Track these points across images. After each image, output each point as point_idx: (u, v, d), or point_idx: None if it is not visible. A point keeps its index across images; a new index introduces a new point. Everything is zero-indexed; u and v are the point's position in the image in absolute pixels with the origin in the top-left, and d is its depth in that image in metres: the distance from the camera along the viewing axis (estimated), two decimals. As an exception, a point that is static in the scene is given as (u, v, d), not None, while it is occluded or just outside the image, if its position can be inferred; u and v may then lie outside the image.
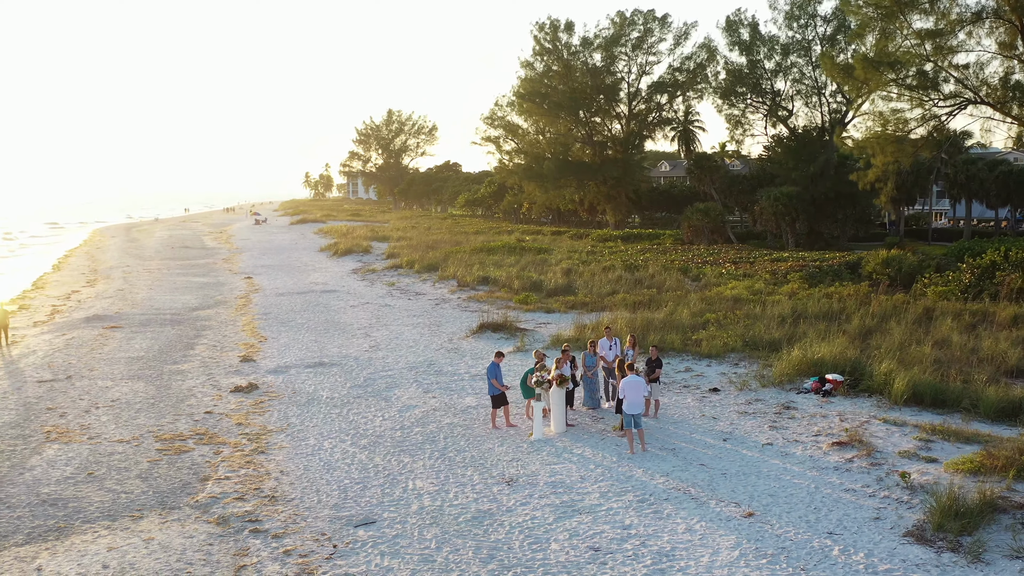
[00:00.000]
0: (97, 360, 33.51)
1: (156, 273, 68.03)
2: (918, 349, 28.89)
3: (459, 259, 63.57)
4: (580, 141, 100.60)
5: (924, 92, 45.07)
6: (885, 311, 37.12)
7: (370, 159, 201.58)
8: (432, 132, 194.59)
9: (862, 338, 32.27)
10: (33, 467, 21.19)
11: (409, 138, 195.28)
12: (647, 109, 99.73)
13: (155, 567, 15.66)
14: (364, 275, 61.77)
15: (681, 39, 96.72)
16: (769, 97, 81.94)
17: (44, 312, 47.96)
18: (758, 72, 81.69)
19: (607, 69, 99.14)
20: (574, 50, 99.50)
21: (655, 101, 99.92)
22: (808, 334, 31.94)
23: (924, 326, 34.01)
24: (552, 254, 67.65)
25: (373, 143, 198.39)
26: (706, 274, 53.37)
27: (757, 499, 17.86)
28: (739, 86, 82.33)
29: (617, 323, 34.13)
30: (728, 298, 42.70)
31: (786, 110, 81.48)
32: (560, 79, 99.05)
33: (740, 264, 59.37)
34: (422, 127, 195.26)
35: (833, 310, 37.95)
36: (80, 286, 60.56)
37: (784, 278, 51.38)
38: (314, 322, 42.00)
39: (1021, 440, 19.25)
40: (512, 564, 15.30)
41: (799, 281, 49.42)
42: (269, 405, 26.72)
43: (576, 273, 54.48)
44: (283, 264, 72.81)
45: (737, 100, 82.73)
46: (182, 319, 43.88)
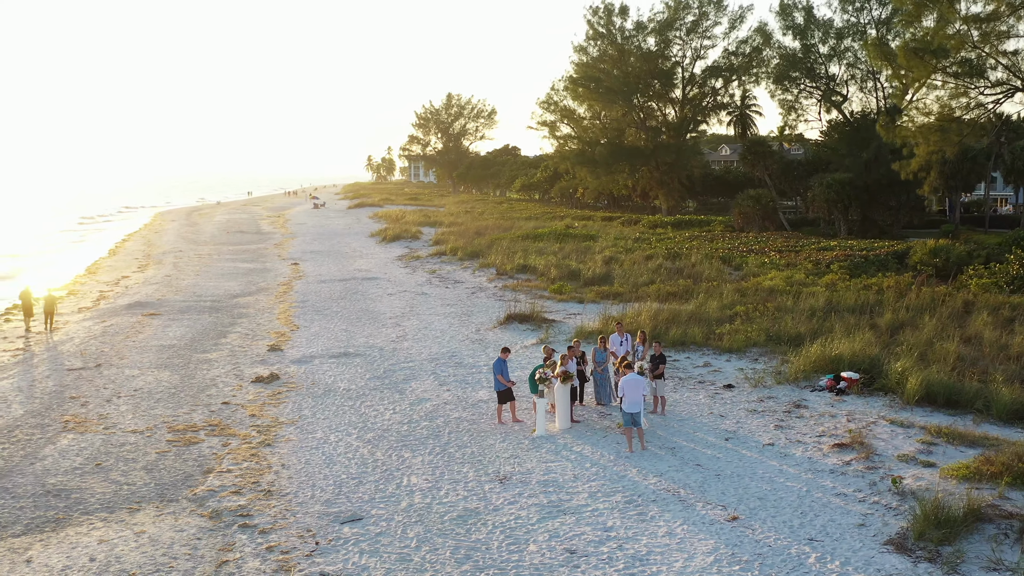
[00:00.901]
0: (129, 348, 34.21)
1: (206, 258, 69.16)
2: (943, 346, 28.33)
3: (503, 246, 63.64)
4: (633, 126, 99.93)
5: (970, 80, 43.98)
6: (922, 304, 36.43)
7: (429, 143, 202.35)
8: (491, 116, 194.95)
9: (891, 333, 31.75)
10: (45, 457, 21.74)
11: (468, 122, 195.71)
12: (701, 94, 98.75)
13: (140, 561, 16.02)
14: (408, 262, 62.14)
15: (736, 23, 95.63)
16: (823, 82, 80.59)
17: (91, 298, 49.04)
18: (812, 57, 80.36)
19: (661, 53, 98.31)
20: (628, 34, 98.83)
21: (709, 86, 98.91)
22: (835, 328, 31.46)
23: (960, 321, 33.35)
24: (598, 241, 67.43)
25: (432, 127, 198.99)
26: (748, 263, 52.82)
27: (746, 502, 17.72)
28: (793, 71, 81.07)
29: (641, 316, 33.96)
30: (765, 289, 42.24)
31: (840, 95, 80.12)
32: (613, 64, 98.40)
33: (785, 253, 58.63)
34: (481, 111, 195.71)
35: (869, 302, 37.33)
36: (131, 271, 61.79)
37: (827, 268, 50.62)
38: (348, 310, 42.40)
39: (1022, 444, 18.80)
40: (486, 565, 15.38)
41: (841, 272, 48.65)
42: (286, 396, 27.08)
43: (617, 262, 54.24)
44: (331, 250, 73.50)
45: (791, 85, 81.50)
46: (221, 306, 44.58)
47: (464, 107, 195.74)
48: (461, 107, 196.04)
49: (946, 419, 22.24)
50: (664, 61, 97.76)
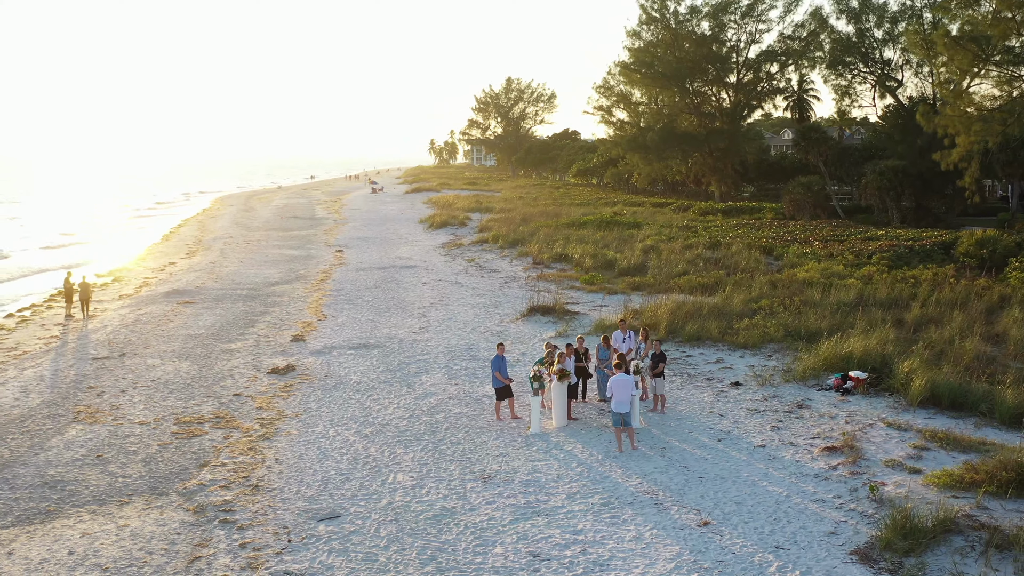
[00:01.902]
0: (157, 337, 34.91)
1: (254, 244, 70.13)
2: (962, 344, 27.78)
3: (545, 234, 63.54)
4: (686, 111, 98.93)
5: (1014, 68, 42.77)
6: (956, 298, 35.69)
7: (489, 127, 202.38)
8: (550, 100, 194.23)
9: (916, 329, 31.22)
10: (50, 448, 22.34)
11: (528, 106, 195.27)
12: (756, 79, 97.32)
13: (116, 555, 16.43)
14: (449, 250, 62.39)
15: (792, 6, 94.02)
16: (878, 67, 78.97)
17: (134, 285, 50.11)
18: (867, 41, 78.77)
19: (716, 38, 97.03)
20: (682, 19, 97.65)
21: (764, 70, 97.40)
22: (858, 324, 30.98)
23: (991, 317, 32.66)
24: (642, 229, 66.99)
25: (492, 111, 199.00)
26: (788, 254, 52.12)
27: (722, 506, 17.61)
28: (847, 56, 79.53)
29: (659, 310, 33.76)
30: (798, 281, 41.65)
31: (895, 80, 78.43)
32: (667, 49, 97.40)
33: (829, 243, 57.67)
34: (541, 95, 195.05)
35: (902, 296, 36.69)
36: (179, 258, 62.96)
37: (868, 259, 49.75)
38: (379, 300, 42.74)
39: (1010, 452, 18.36)
40: (449, 567, 15.52)
41: (882, 263, 47.77)
42: (297, 389, 27.46)
43: (655, 251, 53.82)
44: (378, 236, 74.04)
45: (844, 70, 79.98)
46: (256, 295, 45.23)
47: (524, 91, 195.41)
48: (521, 91, 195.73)
49: (948, 422, 21.85)
50: (718, 45, 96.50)
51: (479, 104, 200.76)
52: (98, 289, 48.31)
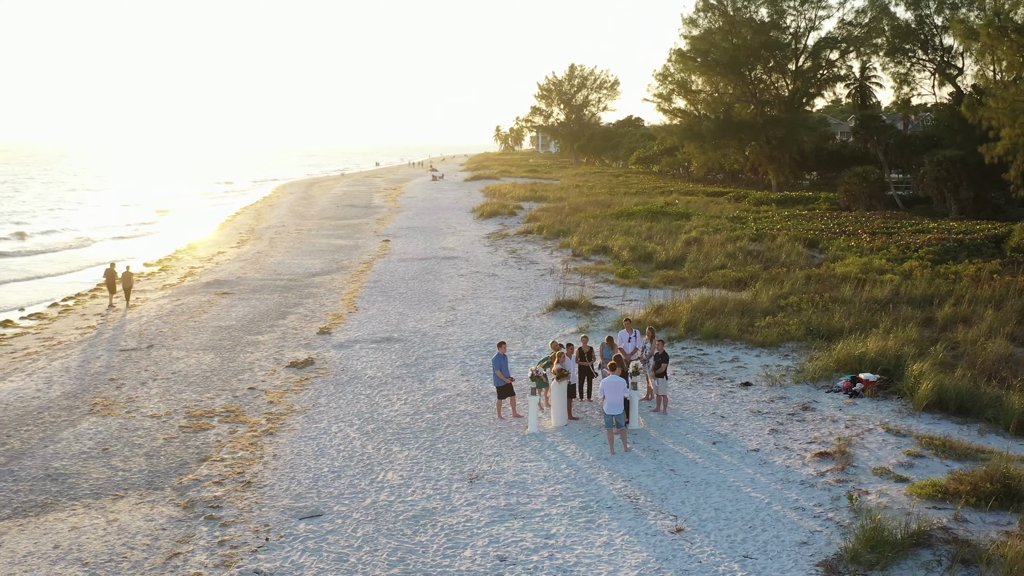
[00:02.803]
0: (187, 328, 35.59)
1: (304, 234, 70.98)
2: (984, 345, 27.20)
3: (591, 225, 63.35)
4: (742, 100, 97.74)
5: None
6: (994, 296, 34.90)
7: (552, 114, 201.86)
8: (614, 86, 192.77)
9: (944, 328, 30.65)
10: (60, 440, 22.95)
11: (591, 92, 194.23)
12: (815, 66, 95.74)
13: (99, 550, 16.88)
14: (494, 240, 62.49)
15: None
16: (938, 54, 77.19)
17: (179, 274, 51.10)
18: (926, 28, 77.03)
19: (774, 24, 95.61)
20: (739, 5, 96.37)
21: (824, 57, 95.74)
22: (883, 323, 30.46)
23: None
24: (691, 220, 66.41)
25: (555, 98, 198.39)
26: (833, 247, 51.30)
27: (700, 513, 17.52)
28: (906, 43, 77.87)
29: (681, 307, 33.49)
30: (836, 276, 41.02)
31: (955, 68, 76.61)
32: (723, 36, 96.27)
33: (878, 235, 56.64)
34: (604, 81, 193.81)
35: (939, 293, 35.97)
36: (228, 247, 64.01)
37: (914, 253, 48.77)
38: (413, 292, 43.01)
39: (996, 463, 17.95)
40: (415, 570, 15.68)
41: (927, 257, 46.80)
42: (311, 383, 27.82)
43: (698, 244, 53.33)
44: (428, 226, 74.41)
45: (903, 58, 78.35)
46: (295, 285, 45.82)
47: (587, 78, 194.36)
48: (584, 78, 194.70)
49: (951, 428, 21.45)
50: (776, 32, 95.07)
51: (542, 91, 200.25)
52: (144, 279, 49.44)
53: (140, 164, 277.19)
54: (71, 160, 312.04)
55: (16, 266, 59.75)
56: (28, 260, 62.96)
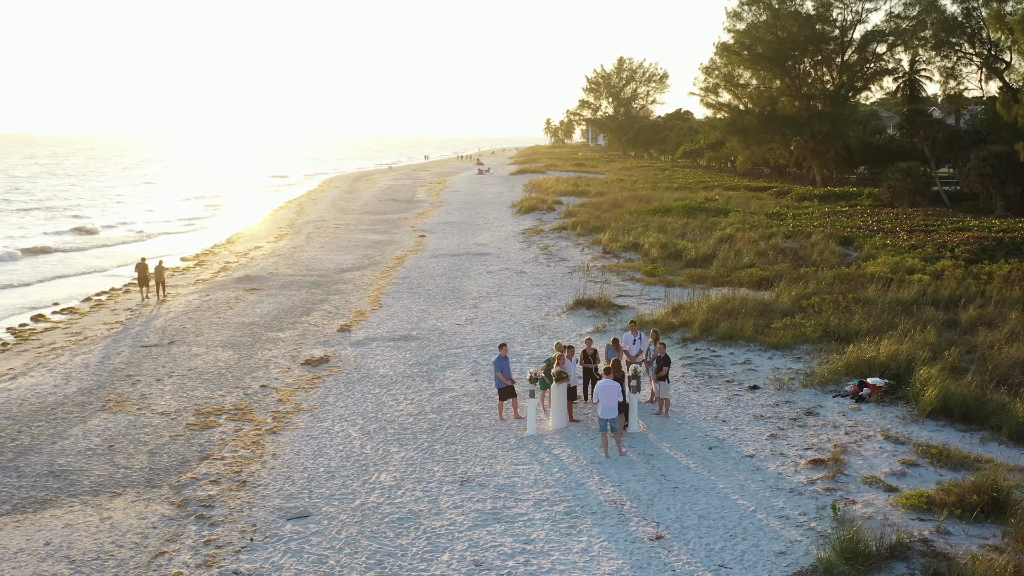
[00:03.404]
0: (210, 325, 36.08)
1: (342, 228, 71.52)
2: (1002, 349, 26.72)
3: (627, 221, 63.13)
4: (786, 94, 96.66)
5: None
6: (1023, 297, 34.30)
7: (600, 107, 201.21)
8: (662, 79, 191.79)
9: (967, 331, 30.17)
10: (68, 436, 23.42)
11: (639, 86, 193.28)
12: (862, 59, 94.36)
13: (87, 547, 17.24)
14: (528, 236, 62.45)
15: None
16: (984, 48, 75.71)
17: (213, 269, 51.82)
18: (973, 21, 75.57)
19: (820, 17, 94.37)
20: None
21: (871, 51, 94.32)
22: (901, 325, 30.03)
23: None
24: (728, 216, 65.87)
25: (603, 91, 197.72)
26: (868, 245, 50.62)
27: (684, 520, 17.44)
28: (952, 36, 76.47)
29: (697, 307, 33.27)
30: (865, 276, 40.50)
31: (1003, 62, 75.09)
32: (768, 29, 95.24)
33: (916, 233, 55.76)
34: (653, 74, 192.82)
35: (968, 294, 35.41)
36: (266, 241, 64.72)
37: (951, 252, 47.97)
38: (440, 289, 43.16)
39: (985, 473, 17.65)
40: (391, 573, 15.82)
41: (963, 256, 46.02)
42: (323, 381, 28.09)
43: (732, 241, 52.88)
44: (465, 221, 74.56)
45: (949, 51, 76.95)
46: (324, 281, 46.22)
47: (635, 71, 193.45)
48: (632, 71, 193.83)
49: (953, 436, 21.11)
50: (822, 25, 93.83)
51: (590, 84, 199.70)
52: (178, 273, 50.22)
53: (203, 157, 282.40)
54: (137, 152, 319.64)
55: (74, 261, 61.11)
56: (82, 255, 64.19)
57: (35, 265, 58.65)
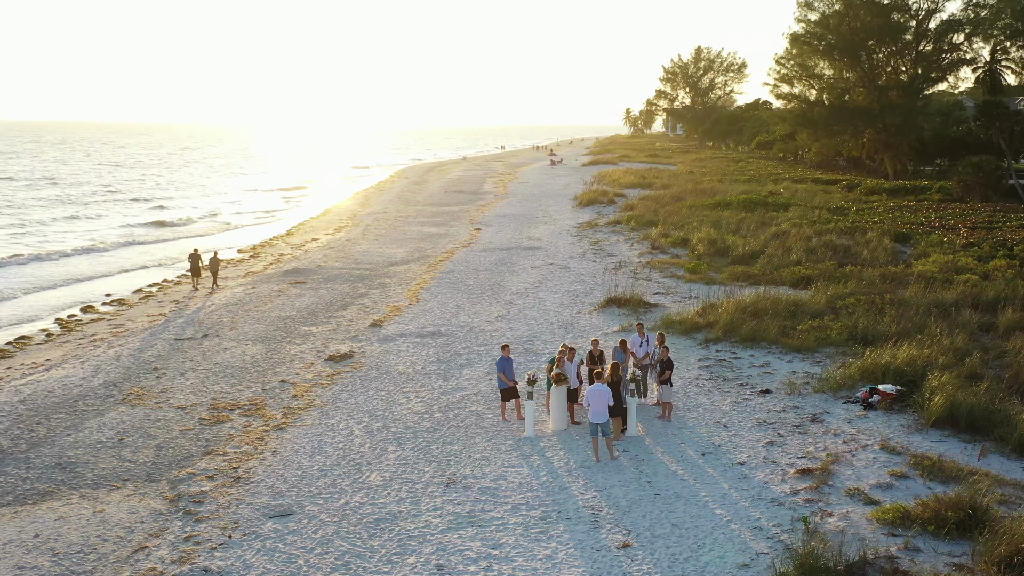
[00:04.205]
0: (247, 318, 36.78)
1: (401, 221, 72.15)
2: None
3: (682, 216, 62.60)
4: (858, 85, 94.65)
5: None
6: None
7: (677, 97, 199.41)
8: (741, 69, 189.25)
9: (1001, 335, 29.41)
10: (83, 429, 24.14)
11: (717, 75, 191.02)
12: (937, 50, 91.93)
13: (74, 540, 17.80)
14: (582, 231, 62.27)
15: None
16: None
17: (265, 262, 52.75)
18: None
19: (894, 6, 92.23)
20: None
21: (947, 40, 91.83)
22: (931, 328, 29.36)
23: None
24: (788, 211, 64.87)
25: (680, 81, 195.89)
26: (923, 242, 49.43)
27: (656, 528, 17.34)
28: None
29: (723, 304, 32.87)
30: (911, 275, 39.58)
31: (1082, 52, 72.55)
32: (840, 19, 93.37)
33: (978, 230, 54.27)
34: (731, 64, 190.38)
35: (1016, 296, 34.45)
36: (324, 233, 65.66)
37: (1009, 251, 46.62)
38: (480, 284, 43.31)
39: (964, 489, 17.19)
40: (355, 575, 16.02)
41: (1017, 256, 44.68)
42: (341, 377, 28.47)
43: (785, 236, 52.06)
44: (524, 214, 74.61)
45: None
46: (369, 275, 46.75)
47: (713, 60, 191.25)
48: (710, 60, 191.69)
49: (956, 446, 20.60)
50: (897, 14, 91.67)
51: (667, 74, 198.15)
52: (231, 265, 51.27)
53: (296, 147, 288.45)
54: (233, 143, 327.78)
55: (156, 251, 62.68)
56: (160, 247, 65.79)
57: (116, 257, 60.16)
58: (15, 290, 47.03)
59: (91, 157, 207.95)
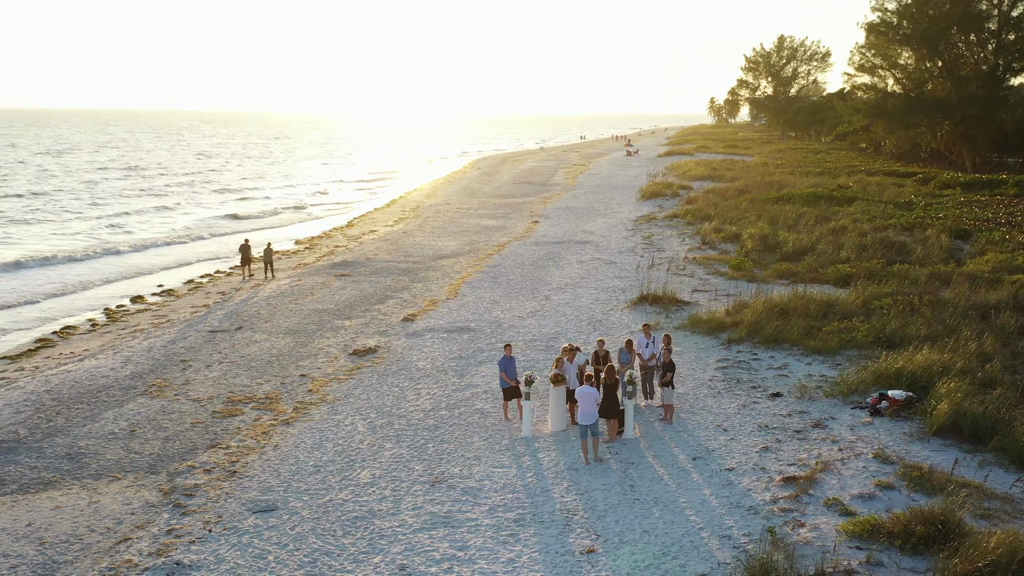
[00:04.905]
0: (285, 311, 37.42)
1: (462, 213, 72.50)
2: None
3: (741, 210, 61.82)
4: (936, 76, 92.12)
5: None
6: None
7: (758, 87, 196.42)
8: (824, 58, 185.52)
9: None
10: (100, 420, 24.88)
11: (800, 64, 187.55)
12: (1019, 39, 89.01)
13: (63, 530, 18.42)
14: (638, 224, 61.85)
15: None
16: None
17: (318, 254, 53.57)
18: None
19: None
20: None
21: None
22: (963, 331, 28.62)
23: None
24: (853, 205, 63.52)
25: (762, 70, 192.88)
26: (984, 239, 48.05)
27: (626, 534, 17.27)
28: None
29: (755, 306, 32.35)
30: (962, 275, 38.54)
31: None
32: (919, 7, 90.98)
33: (1045, 227, 52.53)
34: (815, 53, 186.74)
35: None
36: (383, 225, 66.38)
37: (1072, 249, 45.06)
38: (523, 279, 43.32)
39: (935, 503, 16.74)
40: (320, 573, 16.29)
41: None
42: (360, 372, 28.84)
43: (842, 232, 51.04)
44: (586, 206, 74.35)
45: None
46: (415, 268, 47.15)
47: (796, 49, 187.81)
48: (793, 49, 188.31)
49: (953, 457, 20.03)
50: (977, 3, 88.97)
51: (748, 64, 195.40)
52: (284, 256, 52.18)
53: (382, 136, 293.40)
54: (319, 132, 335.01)
55: (231, 243, 63.77)
56: (234, 238, 67.05)
57: (192, 249, 61.48)
58: (95, 281, 48.52)
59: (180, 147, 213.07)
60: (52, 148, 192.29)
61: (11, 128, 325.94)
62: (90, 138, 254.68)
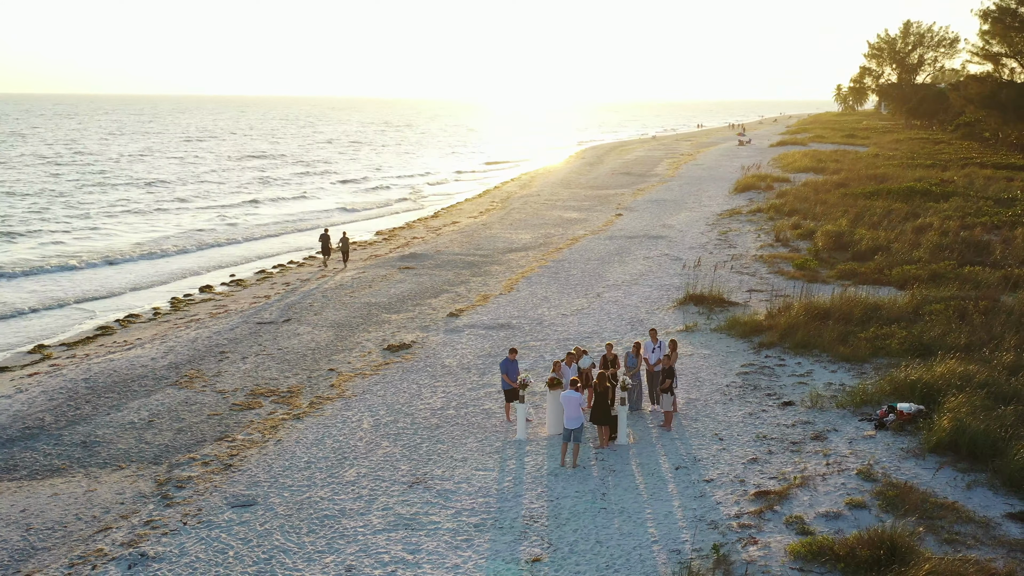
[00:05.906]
0: (337, 304, 38.23)
1: (549, 204, 72.51)
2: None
3: (829, 205, 60.26)
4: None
5: None
6: None
7: (883, 74, 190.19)
8: (953, 44, 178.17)
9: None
10: (125, 409, 25.95)
11: (927, 51, 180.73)
12: None
13: (53, 516, 19.35)
14: (720, 219, 60.83)
15: None
16: None
17: (393, 245, 54.49)
18: None
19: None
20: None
21: None
22: (1005, 340, 27.50)
23: None
24: (947, 201, 61.17)
25: (887, 57, 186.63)
26: (1074, 241, 45.81)
27: (579, 544, 17.24)
28: None
29: (796, 309, 31.58)
30: (1034, 278, 36.93)
31: None
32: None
33: None
34: (943, 39, 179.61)
35: None
36: (466, 216, 66.97)
37: None
38: (581, 275, 43.21)
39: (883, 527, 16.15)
40: (272, 571, 16.76)
41: None
42: (387, 368, 29.32)
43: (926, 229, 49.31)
44: (675, 199, 73.49)
45: None
46: (481, 261, 47.50)
47: (923, 35, 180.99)
48: (920, 35, 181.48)
49: (945, 476, 19.33)
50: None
51: (872, 50, 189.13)
52: (360, 248, 53.25)
53: (511, 124, 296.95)
54: (450, 118, 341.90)
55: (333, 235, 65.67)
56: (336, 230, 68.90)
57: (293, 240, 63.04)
58: (200, 268, 50.51)
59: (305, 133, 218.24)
60: (193, 136, 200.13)
61: (156, 117, 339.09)
62: (224, 124, 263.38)
